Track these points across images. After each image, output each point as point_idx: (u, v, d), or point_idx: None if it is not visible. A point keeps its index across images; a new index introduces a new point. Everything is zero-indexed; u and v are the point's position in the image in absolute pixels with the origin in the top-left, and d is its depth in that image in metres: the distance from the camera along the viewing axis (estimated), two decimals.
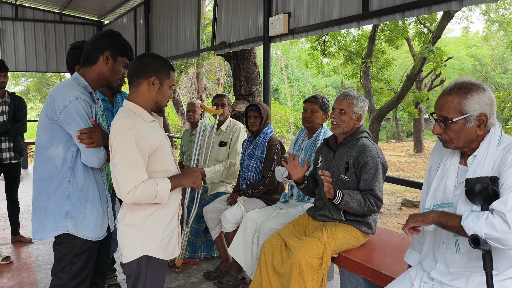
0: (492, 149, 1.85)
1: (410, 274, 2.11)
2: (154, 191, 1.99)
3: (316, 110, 3.37)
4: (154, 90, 2.08)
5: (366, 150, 2.76)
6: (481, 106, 1.83)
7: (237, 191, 3.92)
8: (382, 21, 3.56)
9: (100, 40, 2.22)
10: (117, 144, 1.98)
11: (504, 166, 1.78)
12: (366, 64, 12.72)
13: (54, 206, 2.19)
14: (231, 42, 5.56)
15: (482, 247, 1.67)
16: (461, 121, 1.84)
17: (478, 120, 1.84)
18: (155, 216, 2.11)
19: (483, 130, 1.86)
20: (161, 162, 2.09)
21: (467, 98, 1.83)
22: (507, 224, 1.65)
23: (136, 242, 2.09)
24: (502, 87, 26.92)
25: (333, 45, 14.58)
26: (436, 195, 2.00)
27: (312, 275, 2.68)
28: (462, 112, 1.83)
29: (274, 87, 30.10)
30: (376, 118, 12.48)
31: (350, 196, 2.68)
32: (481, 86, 1.87)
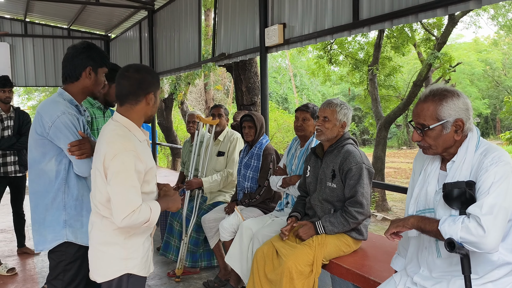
0: (469, 154, 1.88)
1: (395, 280, 2.13)
2: (148, 215, 1.96)
3: (307, 118, 3.41)
4: (151, 105, 2.08)
5: (350, 156, 2.81)
6: (456, 111, 1.86)
7: (234, 201, 3.97)
8: (372, 29, 3.61)
9: (79, 56, 2.29)
10: (115, 165, 1.92)
11: (480, 170, 1.81)
12: (372, 72, 12.70)
13: (52, 217, 2.27)
14: (230, 53, 5.64)
15: (458, 250, 1.70)
16: (437, 127, 1.87)
17: (455, 125, 1.87)
18: (136, 235, 2.09)
19: (460, 135, 1.89)
20: (149, 184, 2.08)
21: (442, 105, 1.86)
22: (482, 228, 1.68)
23: (117, 261, 2.06)
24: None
25: (340, 53, 14.61)
26: (418, 201, 2.03)
27: (303, 282, 2.70)
28: (438, 119, 1.86)
29: (283, 96, 30.18)
30: (384, 125, 12.41)
31: (331, 223, 2.82)
32: (455, 92, 1.90)
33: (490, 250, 1.72)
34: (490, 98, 30.62)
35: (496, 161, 1.78)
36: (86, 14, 9.78)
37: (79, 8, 9.24)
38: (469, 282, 1.74)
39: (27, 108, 23.47)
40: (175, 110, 16.84)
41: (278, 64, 30.59)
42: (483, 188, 1.76)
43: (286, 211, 3.54)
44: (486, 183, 1.76)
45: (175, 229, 4.31)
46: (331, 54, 14.35)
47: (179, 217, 4.28)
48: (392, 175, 18.05)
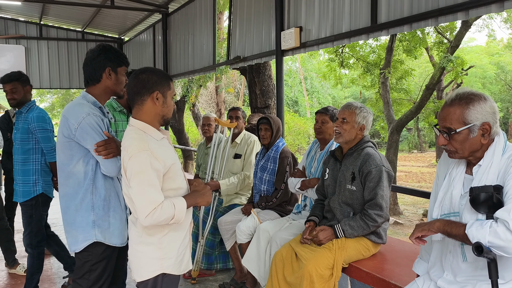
0: (496, 158, 1.87)
1: (418, 284, 2.12)
2: (172, 212, 1.98)
3: (326, 121, 3.41)
4: (159, 105, 2.09)
5: (370, 159, 2.81)
6: (483, 115, 1.85)
7: (251, 203, 3.98)
8: (391, 33, 3.60)
9: (97, 59, 2.36)
10: (132, 166, 1.97)
11: (508, 175, 1.80)
12: (384, 75, 12.66)
13: (82, 218, 2.32)
14: (245, 56, 5.66)
15: (486, 255, 1.69)
16: (464, 131, 1.86)
17: (482, 129, 1.86)
18: (171, 235, 2.11)
19: (487, 139, 1.88)
20: (174, 180, 2.10)
21: (469, 108, 1.85)
22: (510, 232, 1.67)
23: (153, 261, 2.09)
24: None
25: (351, 56, 14.59)
26: (443, 205, 2.01)
27: (323, 286, 2.70)
28: (465, 122, 1.85)
29: (294, 99, 30.17)
30: (396, 128, 12.37)
31: (351, 227, 2.82)
32: (482, 96, 1.89)
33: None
34: (503, 102, 30.32)
35: None
36: (100, 17, 9.88)
37: (94, 11, 9.34)
38: (496, 286, 1.73)
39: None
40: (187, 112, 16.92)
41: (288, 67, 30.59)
42: (511, 193, 1.75)
43: (304, 214, 3.54)
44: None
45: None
46: (342, 57, 14.34)
47: (194, 219, 4.30)
48: (403, 179, 17.96)
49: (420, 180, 17.68)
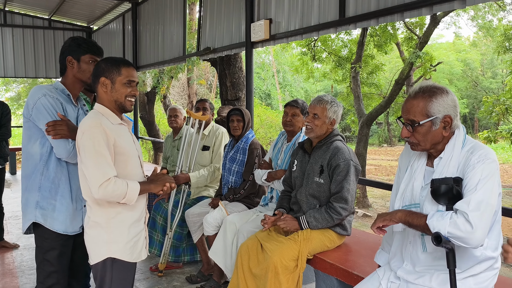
0: (456, 151, 1.91)
1: (378, 274, 2.16)
2: (124, 189, 2.04)
3: (297, 114, 3.42)
4: (108, 90, 2.16)
5: (339, 153, 2.83)
6: (445, 108, 1.89)
7: (219, 195, 3.97)
8: (358, 26, 3.64)
9: (62, 50, 2.47)
10: (84, 142, 2.05)
11: (467, 167, 1.84)
12: (355, 69, 12.80)
13: (29, 198, 2.37)
14: (215, 47, 5.62)
15: (444, 245, 1.73)
16: (427, 123, 1.90)
17: (443, 122, 1.90)
18: (119, 219, 2.16)
19: (448, 132, 1.92)
20: (125, 166, 2.15)
21: (432, 101, 1.89)
22: (469, 224, 1.71)
23: (101, 244, 2.14)
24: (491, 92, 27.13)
25: (323, 50, 14.69)
26: (404, 196, 2.05)
27: (288, 277, 2.72)
28: (428, 115, 1.89)
29: (266, 92, 30.21)
30: (366, 122, 12.54)
31: (316, 219, 2.85)
32: (444, 89, 1.93)
33: (476, 246, 1.76)
34: (469, 98, 31.16)
35: (483, 158, 1.82)
36: (68, 5, 9.60)
37: None
38: (453, 276, 1.77)
39: (5, 100, 22.96)
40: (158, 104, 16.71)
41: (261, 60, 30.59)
42: (470, 185, 1.80)
43: (271, 206, 3.56)
44: (473, 180, 1.79)
45: (158, 223, 4.29)
46: (314, 51, 14.41)
47: (162, 211, 4.26)
48: (373, 172, 18.25)
49: (389, 174, 18.01)
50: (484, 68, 31.98)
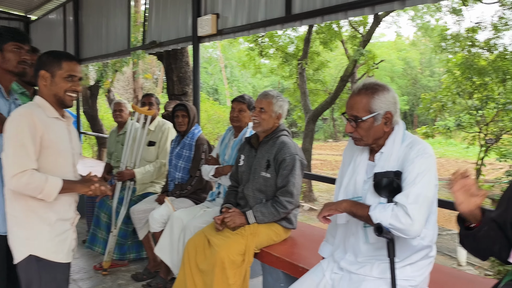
0: (396, 146, 2.00)
1: (322, 266, 2.21)
2: (42, 184, 1.97)
3: (243, 109, 3.44)
4: (47, 84, 2.12)
5: (285, 147, 2.88)
6: (386, 105, 1.97)
7: (165, 192, 3.92)
8: (304, 24, 3.70)
9: None
10: (10, 129, 2.00)
11: (407, 161, 1.93)
12: (301, 66, 13.01)
13: None
14: (161, 41, 5.52)
15: (385, 235, 1.81)
16: (370, 119, 1.97)
17: (385, 118, 1.98)
18: (39, 215, 2.08)
19: (389, 127, 2.00)
20: (52, 161, 2.09)
21: (374, 98, 1.96)
22: (409, 217, 1.80)
23: (20, 240, 2.08)
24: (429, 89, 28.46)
25: (271, 46, 14.81)
26: (348, 190, 2.12)
27: (235, 271, 2.73)
28: (370, 111, 1.96)
29: (214, 87, 30.08)
30: (312, 118, 12.79)
31: (262, 213, 2.87)
32: (385, 87, 2.02)
33: (414, 236, 1.85)
34: (409, 95, 32.54)
35: (421, 153, 1.91)
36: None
37: None
38: (393, 264, 1.86)
39: None
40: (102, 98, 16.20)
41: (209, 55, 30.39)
42: (410, 179, 1.88)
43: (218, 201, 3.56)
44: (412, 174, 1.88)
45: (102, 221, 4.18)
46: (262, 46, 14.51)
47: (106, 208, 4.15)
48: (319, 167, 18.67)
49: (334, 168, 18.48)
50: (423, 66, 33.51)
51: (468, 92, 14.34)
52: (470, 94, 14.39)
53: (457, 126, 15.64)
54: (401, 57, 30.81)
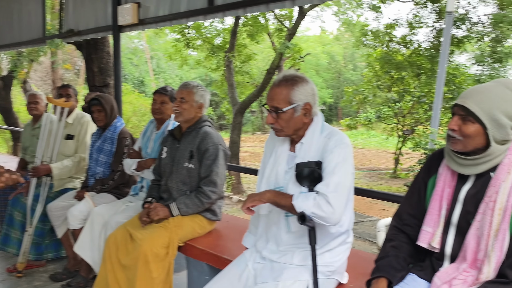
0: (316, 137, 2.06)
1: (246, 256, 2.24)
2: None
3: (166, 101, 3.37)
4: None
5: (207, 137, 2.87)
6: (305, 96, 2.02)
7: (85, 187, 3.76)
8: (226, 15, 3.70)
9: None
10: None
11: (326, 152, 2.00)
12: (228, 58, 13.01)
13: None
14: (79, 30, 5.26)
15: (308, 223, 1.86)
16: (290, 110, 2.00)
17: (304, 109, 2.03)
18: None
19: (308, 118, 2.06)
20: None
21: (294, 89, 2.00)
22: (330, 205, 1.86)
23: None
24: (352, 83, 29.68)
25: (198, 38, 14.66)
26: (269, 180, 2.15)
27: (158, 265, 2.68)
28: (290, 102, 2.00)
29: (140, 79, 29.27)
30: (239, 110, 12.86)
31: (186, 205, 2.85)
32: (305, 78, 2.07)
33: (335, 224, 1.93)
34: (333, 88, 33.74)
35: (339, 143, 1.98)
36: None
37: None
38: (314, 251, 1.93)
39: None
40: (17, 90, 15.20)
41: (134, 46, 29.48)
42: (329, 168, 1.95)
43: (141, 195, 3.47)
44: (331, 164, 1.95)
45: (16, 220, 3.92)
46: (188, 38, 14.32)
47: (21, 206, 3.90)
48: (248, 159, 18.85)
49: None
50: (346, 61, 34.84)
51: (387, 86, 15.17)
52: (389, 87, 15.22)
53: (377, 118, 16.50)
54: (326, 51, 31.81)
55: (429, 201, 1.86)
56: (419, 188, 1.94)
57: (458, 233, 1.76)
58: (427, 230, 1.83)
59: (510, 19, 11.03)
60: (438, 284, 1.74)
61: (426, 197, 1.89)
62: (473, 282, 1.68)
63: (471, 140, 1.68)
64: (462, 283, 1.69)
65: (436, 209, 1.81)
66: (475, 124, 1.66)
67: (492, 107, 1.63)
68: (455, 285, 1.70)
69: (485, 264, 1.65)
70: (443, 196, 1.80)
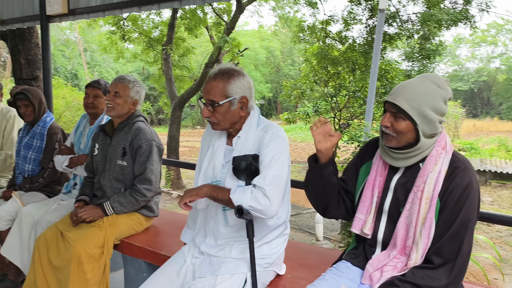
0: (252, 130, 2.06)
1: (184, 251, 2.22)
2: None
3: (99, 95, 3.26)
4: None
5: (140, 134, 2.79)
6: (242, 89, 2.02)
7: (12, 186, 3.55)
8: (162, 7, 3.62)
9: None
10: None
11: (262, 145, 2.01)
12: (166, 51, 12.78)
13: None
14: (3, 19, 4.94)
15: (245, 216, 1.86)
16: (226, 104, 1.99)
17: (240, 102, 2.02)
18: None
19: (245, 112, 2.05)
20: None
21: (230, 83, 1.99)
22: (267, 198, 1.88)
23: None
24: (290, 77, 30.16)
25: (134, 30, 14.27)
26: (207, 174, 2.13)
27: (93, 265, 2.60)
28: (227, 96, 1.99)
29: (73, 72, 28.06)
30: (178, 105, 12.68)
31: (120, 203, 2.77)
32: (241, 72, 2.06)
33: (272, 216, 1.94)
34: (272, 83, 34.14)
35: (275, 137, 2.00)
36: None
37: None
38: (252, 244, 1.94)
39: None
40: None
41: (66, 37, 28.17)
42: (265, 161, 1.96)
43: (74, 193, 3.34)
44: (267, 157, 1.96)
45: None
46: (124, 30, 13.91)
47: None
48: (187, 154, 18.66)
49: None
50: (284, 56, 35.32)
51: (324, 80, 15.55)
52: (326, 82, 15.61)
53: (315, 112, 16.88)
54: (264, 46, 32.08)
55: (360, 186, 1.94)
56: (350, 170, 2.03)
57: (389, 221, 1.84)
58: (360, 217, 1.90)
59: (436, 18, 11.65)
60: (371, 271, 1.81)
61: (358, 183, 1.97)
62: (402, 268, 1.76)
63: (403, 136, 1.75)
64: (393, 269, 1.77)
65: (368, 197, 1.89)
66: (406, 120, 1.73)
67: (420, 103, 1.70)
68: (386, 271, 1.78)
69: (413, 250, 1.74)
70: (375, 185, 1.87)
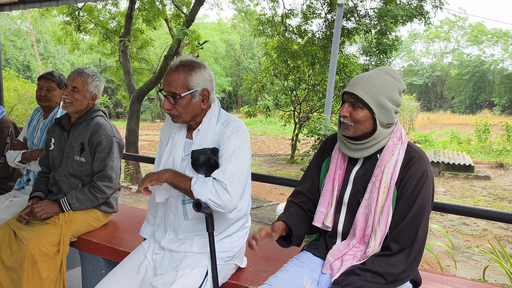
0: (213, 123, 2.05)
1: (144, 247, 2.18)
2: None
3: (53, 88, 3.14)
4: None
5: (100, 129, 2.71)
6: (203, 82, 2.00)
7: None
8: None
9: None
10: None
11: (223, 139, 2.00)
12: (124, 43, 12.46)
13: None
14: None
15: (204, 210, 1.85)
16: (187, 96, 1.97)
17: (202, 95, 2.00)
18: None
19: (206, 105, 2.04)
20: None
21: (192, 75, 1.97)
22: (227, 192, 1.87)
23: None
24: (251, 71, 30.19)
25: (90, 21, 13.84)
26: (166, 168, 2.10)
27: (48, 264, 2.51)
28: (188, 88, 1.96)
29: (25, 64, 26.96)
30: (137, 98, 12.40)
31: (78, 200, 2.69)
32: (202, 64, 2.04)
33: (231, 210, 1.94)
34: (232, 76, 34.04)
35: (235, 130, 1.99)
36: None
37: None
38: (212, 238, 1.93)
39: None
40: None
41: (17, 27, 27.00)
42: (226, 155, 1.95)
43: (27, 189, 3.21)
44: (228, 151, 1.96)
45: None
46: (79, 21, 13.46)
47: None
48: (147, 148, 18.35)
49: None
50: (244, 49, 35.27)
51: (284, 74, 15.66)
52: (286, 75, 15.74)
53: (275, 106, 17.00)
54: (224, 39, 31.92)
55: (323, 183, 1.96)
56: (313, 171, 2.05)
57: (348, 212, 1.88)
58: (321, 210, 1.93)
59: (393, 13, 11.93)
60: (331, 261, 1.85)
61: (320, 179, 2.00)
62: (361, 257, 1.81)
63: (361, 125, 1.80)
64: (352, 258, 1.82)
65: (329, 191, 1.92)
66: (364, 110, 1.78)
67: (377, 93, 1.76)
68: (346, 260, 1.82)
69: (372, 238, 1.78)
70: (335, 178, 1.91)
